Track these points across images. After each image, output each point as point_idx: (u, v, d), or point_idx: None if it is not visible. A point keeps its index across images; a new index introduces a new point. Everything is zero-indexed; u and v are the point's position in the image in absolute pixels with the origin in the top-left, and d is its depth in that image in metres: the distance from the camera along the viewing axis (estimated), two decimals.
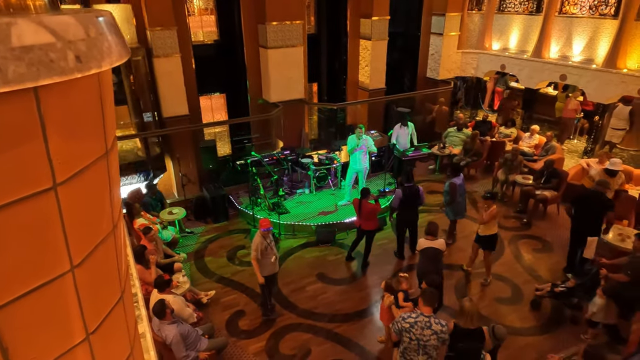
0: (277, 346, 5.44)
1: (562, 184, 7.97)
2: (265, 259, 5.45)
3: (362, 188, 6.77)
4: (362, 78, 10.84)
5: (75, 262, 0.80)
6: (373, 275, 6.74)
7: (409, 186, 6.75)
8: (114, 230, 0.94)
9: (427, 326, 3.89)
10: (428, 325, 3.89)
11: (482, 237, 6.24)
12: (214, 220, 8.26)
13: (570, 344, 5.33)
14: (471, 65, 12.46)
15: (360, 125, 8.09)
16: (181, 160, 8.33)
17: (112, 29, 0.80)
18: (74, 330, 0.83)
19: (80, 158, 0.77)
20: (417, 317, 3.94)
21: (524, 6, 11.48)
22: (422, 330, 3.88)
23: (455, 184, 6.82)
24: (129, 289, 1.08)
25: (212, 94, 10.25)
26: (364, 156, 7.95)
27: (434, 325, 3.88)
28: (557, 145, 9.40)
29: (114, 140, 0.93)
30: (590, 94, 10.04)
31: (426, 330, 3.88)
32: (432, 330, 3.87)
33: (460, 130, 10.11)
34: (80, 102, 0.75)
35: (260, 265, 5.46)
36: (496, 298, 6.19)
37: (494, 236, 6.21)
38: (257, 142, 9.52)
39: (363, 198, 6.51)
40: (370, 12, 9.95)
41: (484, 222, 6.12)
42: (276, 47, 8.69)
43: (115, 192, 0.95)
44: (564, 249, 7.21)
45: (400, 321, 3.99)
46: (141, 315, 3.03)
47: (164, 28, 7.76)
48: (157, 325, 4.52)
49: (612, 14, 9.50)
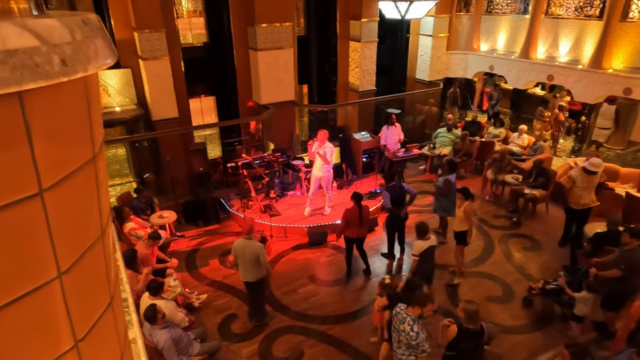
0: (270, 349, 5.42)
1: (551, 183, 8.07)
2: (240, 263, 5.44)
3: (354, 193, 6.44)
4: (352, 80, 10.87)
5: (62, 269, 0.79)
6: (365, 276, 6.75)
7: (393, 185, 6.77)
8: (103, 236, 0.93)
9: (402, 321, 3.98)
10: (403, 321, 3.97)
11: (455, 233, 6.40)
12: (205, 223, 8.21)
13: (561, 341, 5.39)
14: (460, 66, 12.57)
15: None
16: (171, 163, 8.27)
17: (98, 33, 0.79)
18: (62, 337, 0.82)
19: (67, 163, 0.76)
20: (401, 310, 4.03)
21: (511, 7, 11.62)
22: (399, 324, 3.99)
23: (450, 181, 6.88)
24: (118, 295, 1.07)
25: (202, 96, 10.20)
26: (323, 164, 7.62)
27: (405, 325, 3.92)
28: (545, 145, 9.52)
29: (101, 145, 0.92)
30: (577, 94, 10.18)
31: (401, 325, 3.97)
32: (404, 326, 3.93)
33: (450, 131, 10.19)
34: (66, 106, 0.74)
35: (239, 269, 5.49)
36: (487, 297, 6.24)
37: (463, 233, 6.27)
38: (248, 144, 9.50)
39: (358, 203, 6.28)
40: (360, 14, 9.98)
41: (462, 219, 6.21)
42: (266, 49, 8.67)
43: (104, 197, 0.94)
44: (553, 247, 7.30)
45: (397, 307, 4.12)
46: (132, 321, 2.99)
47: (152, 30, 7.70)
48: (149, 330, 4.48)
49: (597, 15, 9.66)
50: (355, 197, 6.33)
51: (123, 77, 8.13)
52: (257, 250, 5.27)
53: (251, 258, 5.28)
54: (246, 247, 5.28)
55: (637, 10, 9.04)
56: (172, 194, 8.51)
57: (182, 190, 8.69)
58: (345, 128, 10.84)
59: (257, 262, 5.31)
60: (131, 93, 8.27)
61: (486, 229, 7.95)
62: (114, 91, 8.08)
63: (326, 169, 7.67)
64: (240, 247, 5.32)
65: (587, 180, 6.50)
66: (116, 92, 8.11)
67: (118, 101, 8.11)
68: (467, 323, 4.10)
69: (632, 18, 9.13)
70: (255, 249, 5.27)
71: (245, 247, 5.28)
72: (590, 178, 6.51)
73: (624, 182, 8.26)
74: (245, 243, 5.31)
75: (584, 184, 6.51)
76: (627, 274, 5.10)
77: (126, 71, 8.15)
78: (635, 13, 9.08)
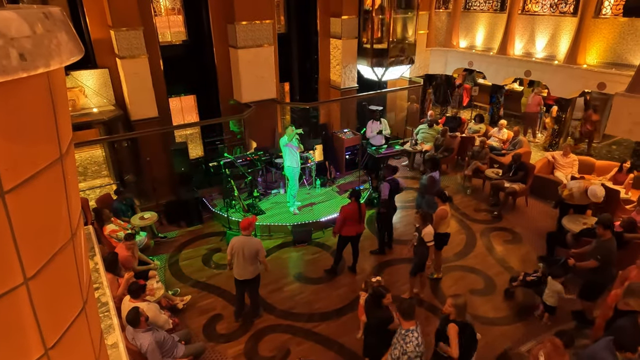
0: (256, 348, 5.39)
1: (530, 177, 8.23)
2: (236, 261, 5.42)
3: (352, 190, 6.39)
4: (333, 77, 10.86)
5: (29, 274, 0.75)
6: (350, 273, 6.76)
7: (392, 178, 6.78)
8: (73, 238, 0.89)
9: (403, 339, 3.90)
10: (403, 339, 3.90)
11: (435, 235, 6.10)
12: (188, 224, 8.10)
13: (542, 331, 5.52)
14: (440, 62, 12.70)
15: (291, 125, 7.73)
16: (152, 163, 8.12)
17: (62, 26, 0.76)
18: (30, 346, 0.79)
19: (31, 163, 0.72)
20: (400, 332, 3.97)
21: (488, 4, 11.79)
22: (406, 345, 3.87)
23: (434, 178, 6.91)
24: (92, 300, 1.03)
25: (182, 95, 10.05)
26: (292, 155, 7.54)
27: (413, 340, 3.84)
28: (524, 140, 9.70)
29: (70, 144, 0.89)
30: (554, 89, 10.41)
31: (408, 345, 3.87)
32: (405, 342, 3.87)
33: (431, 127, 10.29)
34: (27, 103, 0.70)
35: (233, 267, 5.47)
36: (470, 290, 6.33)
37: (445, 235, 6.17)
38: (230, 143, 9.40)
39: (358, 200, 6.22)
40: (340, 11, 9.98)
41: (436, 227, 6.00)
42: (246, 46, 8.59)
43: (73, 198, 0.90)
44: (533, 240, 7.45)
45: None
46: (113, 325, 2.93)
47: (129, 28, 7.54)
48: (132, 333, 4.40)
49: (572, 12, 9.88)
50: (355, 194, 6.27)
51: (100, 77, 7.95)
52: (257, 246, 5.27)
53: (250, 254, 5.27)
54: (245, 244, 5.26)
55: (610, 7, 9.27)
56: (154, 194, 8.36)
57: (163, 191, 8.55)
58: (327, 125, 10.84)
59: (255, 258, 5.32)
60: (109, 93, 8.10)
61: (468, 223, 8.06)
62: (91, 92, 7.89)
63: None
64: (239, 244, 5.28)
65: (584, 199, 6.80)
66: (93, 93, 7.91)
67: (95, 102, 7.92)
68: (457, 317, 4.10)
69: (605, 14, 9.36)
70: (255, 244, 5.27)
71: (245, 244, 5.26)
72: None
73: (599, 174, 8.48)
74: (244, 240, 5.29)
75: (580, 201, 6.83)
76: (603, 264, 5.25)
77: (103, 71, 7.96)
78: (607, 9, 9.32)
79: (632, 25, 8.94)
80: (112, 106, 8.03)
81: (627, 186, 7.81)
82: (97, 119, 7.59)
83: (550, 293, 5.49)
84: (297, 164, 7.65)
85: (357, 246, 6.63)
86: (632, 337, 3.79)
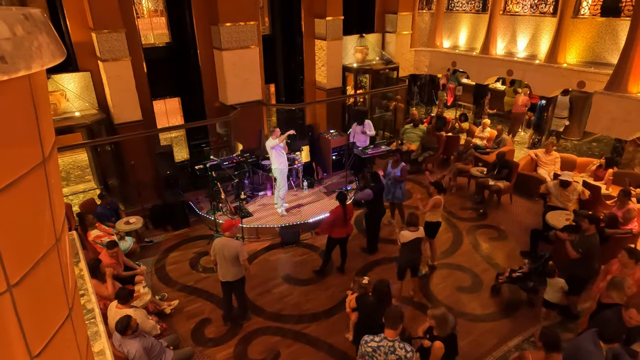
0: (246, 351, 5.36)
1: (513, 174, 8.36)
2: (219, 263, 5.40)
3: (339, 192, 6.43)
4: (319, 78, 10.87)
5: (12, 281, 0.74)
6: (338, 273, 6.77)
7: (377, 183, 6.88)
8: (58, 244, 0.88)
9: (390, 351, 3.56)
10: (392, 350, 3.56)
11: (426, 223, 6.41)
12: (174, 228, 8.01)
13: (529, 326, 5.60)
14: (424, 63, 12.81)
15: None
16: (137, 167, 8.00)
17: (43, 28, 0.74)
18: (15, 354, 0.77)
19: (12, 168, 0.71)
20: (381, 341, 3.61)
21: (470, 5, 11.95)
22: (386, 356, 3.57)
23: (407, 169, 7.50)
24: (78, 306, 1.01)
25: (166, 97, 9.93)
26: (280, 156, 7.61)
27: (398, 350, 3.55)
28: (507, 138, 9.85)
29: (53, 147, 0.87)
30: (535, 87, 10.60)
31: (390, 356, 3.56)
32: (396, 355, 3.55)
33: (416, 127, 10.38)
34: (8, 106, 0.69)
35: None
36: (457, 287, 6.40)
37: (436, 224, 6.50)
38: (216, 146, 9.32)
39: (343, 203, 6.27)
40: (324, 13, 9.99)
41: (425, 212, 6.34)
42: (231, 48, 8.54)
43: (57, 204, 0.89)
44: (518, 236, 7.56)
45: (364, 344, 3.67)
46: (99, 332, 2.88)
47: (111, 31, 7.42)
48: (119, 340, 4.33)
49: (551, 12, 10.08)
50: (339, 197, 6.32)
51: (82, 80, 7.80)
52: (237, 249, 5.22)
53: (230, 256, 5.22)
54: (225, 246, 5.22)
55: (588, 7, 9.48)
56: (139, 198, 8.25)
57: (149, 195, 8.44)
58: (314, 126, 10.84)
59: (236, 260, 5.26)
60: (91, 97, 7.96)
61: (454, 222, 8.15)
62: (73, 96, 7.74)
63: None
64: (219, 246, 5.25)
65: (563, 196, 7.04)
66: (75, 97, 7.76)
67: (77, 106, 7.77)
68: (439, 331, 4.02)
69: (583, 14, 9.57)
70: (234, 247, 5.22)
71: (224, 246, 5.22)
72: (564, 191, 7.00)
73: (580, 171, 8.66)
74: (224, 241, 5.25)
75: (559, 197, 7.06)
76: (585, 257, 5.37)
77: (85, 74, 7.82)
78: (586, 10, 9.53)
79: (610, 25, 9.15)
80: (95, 110, 7.90)
81: (608, 182, 7.98)
82: (80, 123, 7.44)
83: (553, 291, 5.51)
84: (285, 165, 7.66)
85: (345, 247, 6.66)
86: (615, 328, 3.88)
